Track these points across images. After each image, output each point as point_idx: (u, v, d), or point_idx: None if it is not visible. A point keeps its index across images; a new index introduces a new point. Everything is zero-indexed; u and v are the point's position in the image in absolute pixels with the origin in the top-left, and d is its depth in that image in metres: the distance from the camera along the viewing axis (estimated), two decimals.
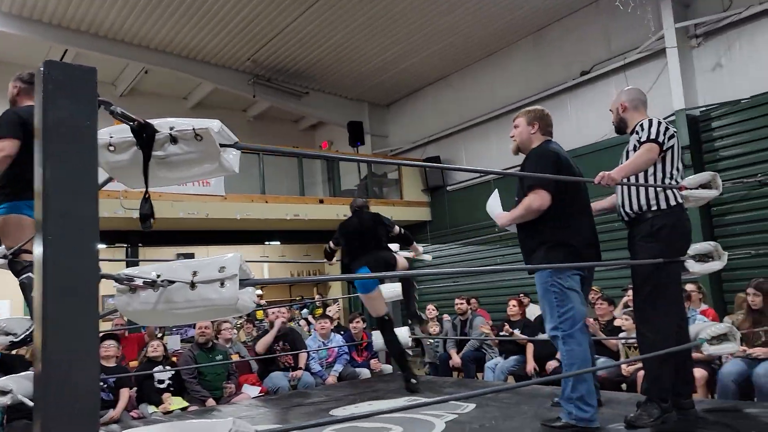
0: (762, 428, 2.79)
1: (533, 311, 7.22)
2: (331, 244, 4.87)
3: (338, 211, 9.59)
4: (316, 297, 13.14)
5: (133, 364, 5.83)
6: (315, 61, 10.52)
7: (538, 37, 9.67)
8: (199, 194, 8.49)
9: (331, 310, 7.98)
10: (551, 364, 5.64)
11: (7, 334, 3.29)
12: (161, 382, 5.22)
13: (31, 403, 2.87)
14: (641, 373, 4.69)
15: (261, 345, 5.97)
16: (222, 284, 1.72)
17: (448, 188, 11.16)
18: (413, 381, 4.59)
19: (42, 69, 1.35)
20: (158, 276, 1.72)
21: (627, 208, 3.10)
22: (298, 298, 13.70)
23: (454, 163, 11.11)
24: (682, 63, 7.47)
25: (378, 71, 10.99)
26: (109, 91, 10.92)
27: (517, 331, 6.46)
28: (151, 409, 5.08)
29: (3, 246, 3.12)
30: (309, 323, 9.82)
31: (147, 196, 1.76)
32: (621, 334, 5.29)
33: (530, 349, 6.08)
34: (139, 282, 1.69)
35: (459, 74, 11.06)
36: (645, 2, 7.66)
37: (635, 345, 5.06)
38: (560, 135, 3.10)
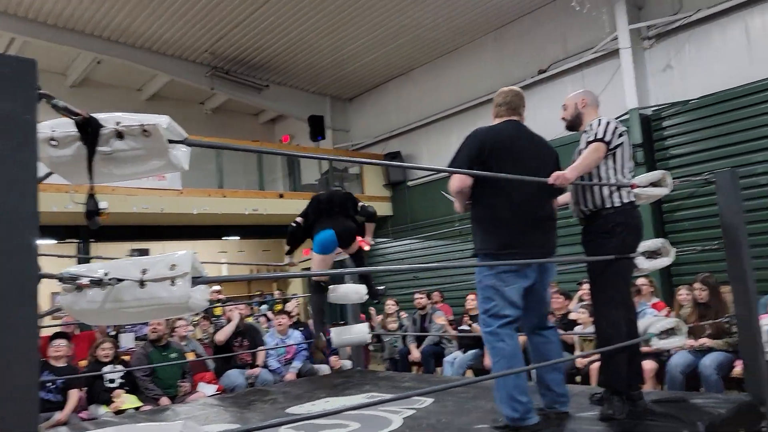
0: (707, 417, 2.89)
1: None
2: (299, 219, 4.69)
3: (298, 206, 9.42)
4: (276, 293, 13.01)
5: (83, 363, 5.65)
6: (275, 54, 10.38)
7: (499, 34, 9.78)
8: (155, 188, 8.29)
9: (290, 306, 7.91)
10: None
11: None
12: (112, 381, 5.08)
13: None
14: (594, 365, 4.84)
15: (221, 334, 5.88)
16: (173, 282, 1.68)
17: (409, 183, 11.21)
18: (323, 338, 4.74)
19: None
20: (106, 274, 1.67)
21: (582, 206, 3.17)
22: (257, 294, 13.55)
23: (416, 159, 11.15)
24: (635, 63, 7.67)
25: (340, 65, 10.93)
26: (58, 81, 10.54)
27: (476, 325, 6.53)
28: (103, 409, 4.94)
29: None
30: (268, 319, 9.73)
31: (92, 192, 1.70)
32: (577, 328, 5.41)
33: None
34: (85, 280, 1.63)
35: (421, 69, 11.09)
36: (600, 4, 7.82)
37: (590, 338, 5.20)
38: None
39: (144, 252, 11.05)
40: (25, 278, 1.27)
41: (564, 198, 3.31)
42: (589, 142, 3.06)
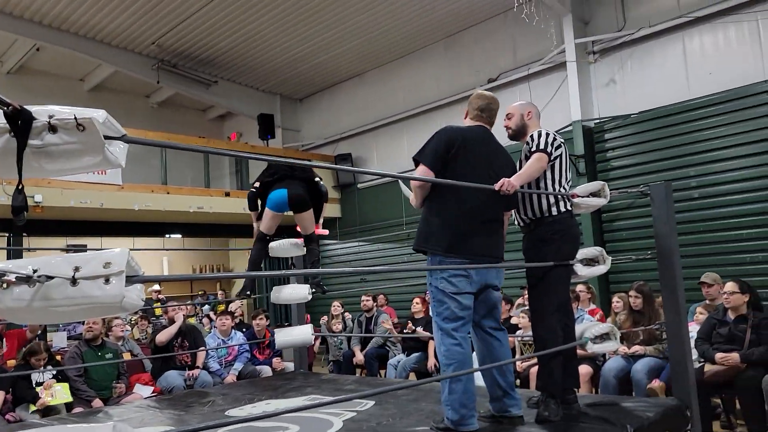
0: (636, 421, 3.01)
1: None
2: (257, 184, 4.79)
3: (245, 204, 9.36)
4: (219, 293, 12.77)
5: (12, 363, 5.38)
6: (225, 50, 10.20)
7: (450, 42, 9.92)
8: (94, 182, 7.99)
9: (234, 307, 7.78)
10: None
11: None
12: (40, 384, 4.84)
13: None
14: (534, 369, 4.96)
15: (163, 335, 5.71)
16: (107, 281, 1.63)
17: (359, 186, 11.22)
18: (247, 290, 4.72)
19: None
20: (35, 271, 1.60)
21: (522, 214, 3.26)
22: (200, 293, 13.26)
23: (366, 161, 11.17)
24: (580, 77, 7.92)
25: (292, 64, 10.84)
26: None
27: (420, 329, 6.59)
28: (31, 407, 4.71)
29: None
30: (211, 320, 9.54)
31: (21, 187, 1.63)
32: (517, 332, 5.53)
33: (432, 345, 6.22)
34: (11, 277, 1.56)
35: (374, 72, 11.13)
36: (549, 17, 8.05)
37: (530, 343, 5.33)
38: None
39: (81, 247, 10.63)
40: None
41: None
42: (531, 152, 3.15)
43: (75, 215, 8.48)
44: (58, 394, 4.75)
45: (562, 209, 3.19)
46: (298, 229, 4.87)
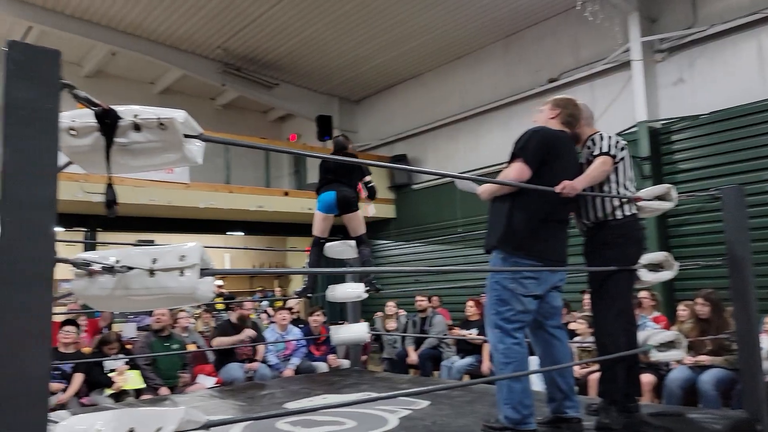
0: None
1: None
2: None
3: (303, 204, 9.58)
4: (277, 290, 13.06)
5: (87, 350, 5.70)
6: (287, 53, 10.44)
7: (509, 42, 9.81)
8: (163, 181, 8.35)
9: (291, 302, 7.96)
10: None
11: None
12: (112, 371, 5.12)
13: None
14: (593, 376, 4.85)
15: (218, 342, 5.89)
16: (181, 273, 1.71)
17: (414, 187, 11.24)
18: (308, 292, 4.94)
19: (5, 49, 1.33)
20: (117, 261, 1.71)
21: (584, 218, 3.20)
22: (258, 289, 13.60)
23: (422, 162, 11.18)
24: (646, 76, 7.69)
25: (350, 66, 10.98)
26: (73, 71, 10.62)
27: (474, 332, 6.56)
28: (106, 391, 4.98)
29: None
30: (269, 315, 9.79)
31: (111, 182, 1.74)
32: (576, 338, 5.43)
33: (486, 349, 6.18)
34: (97, 267, 1.67)
35: (431, 74, 11.13)
36: (613, 15, 7.84)
37: (588, 348, 5.22)
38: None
39: (149, 243, 11.12)
40: (42, 262, 1.31)
41: None
42: (594, 156, 3.09)
43: (145, 212, 8.88)
44: (131, 379, 5.03)
45: (627, 212, 3.13)
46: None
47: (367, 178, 5.09)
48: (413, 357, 6.85)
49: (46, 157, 1.35)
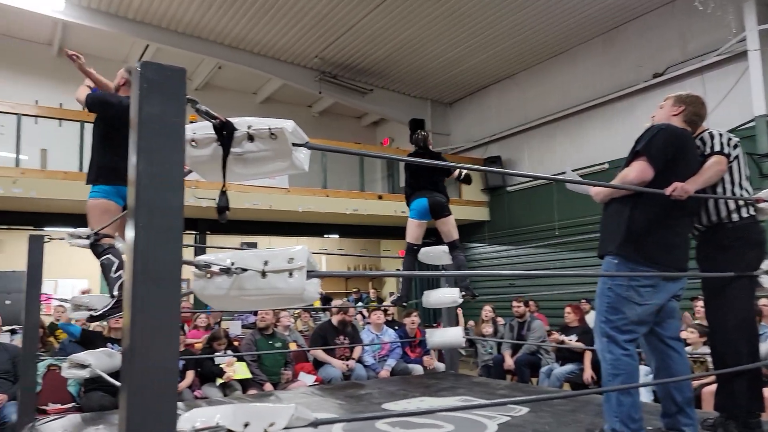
0: None
1: (593, 318, 7.08)
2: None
3: (396, 207, 9.68)
4: (372, 291, 13.27)
5: (198, 346, 6.08)
6: (380, 59, 10.62)
7: (609, 37, 9.42)
8: (264, 186, 8.76)
9: (387, 305, 8.06)
10: None
11: (89, 309, 3.55)
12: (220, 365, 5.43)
13: (108, 377, 3.08)
14: (708, 389, 4.55)
15: (315, 353, 6.08)
16: (290, 274, 1.81)
17: (509, 189, 11.05)
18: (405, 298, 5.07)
19: (138, 68, 1.46)
20: (232, 263, 1.83)
21: (697, 222, 3.02)
22: (353, 291, 13.89)
23: (517, 164, 10.98)
24: (765, 66, 7.11)
25: (443, 69, 10.99)
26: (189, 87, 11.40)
27: (573, 338, 6.35)
28: (218, 381, 5.29)
29: (88, 228, 3.36)
30: (364, 317, 9.97)
31: (224, 189, 1.87)
32: (686, 348, 5.11)
33: (588, 357, 5.96)
34: (215, 268, 1.80)
35: (525, 73, 10.91)
36: (726, 3, 7.33)
37: (701, 360, 4.90)
38: (629, 139, 2.93)
39: (253, 245, 11.69)
40: (171, 263, 1.43)
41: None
42: (706, 156, 2.90)
43: (248, 216, 9.35)
44: (239, 369, 5.32)
45: (744, 214, 2.91)
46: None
47: (456, 172, 5.09)
48: (510, 362, 6.73)
49: (174, 167, 1.47)
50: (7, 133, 8.05)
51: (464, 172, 5.10)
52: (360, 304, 11.76)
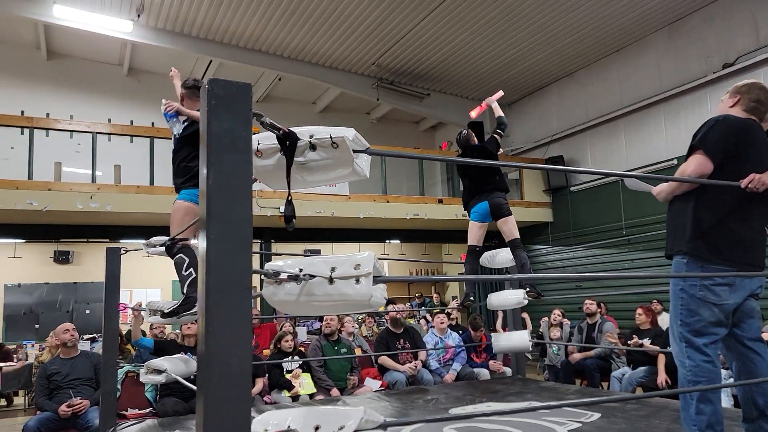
0: None
1: (665, 320, 6.79)
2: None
3: (457, 211, 9.61)
4: (434, 296, 13.24)
5: (266, 352, 6.23)
6: (437, 63, 10.61)
7: (673, 29, 9.06)
8: (326, 194, 8.90)
9: (451, 308, 8.02)
10: None
11: (158, 311, 3.71)
12: (290, 372, 5.55)
13: (184, 381, 3.20)
14: None
15: (381, 360, 6.09)
16: (357, 281, 1.83)
17: (572, 189, 10.77)
18: (470, 298, 4.91)
19: (207, 85, 1.53)
20: (301, 270, 1.87)
21: None
22: (416, 296, 13.89)
23: (579, 163, 10.70)
24: None
25: (500, 70, 10.87)
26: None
27: (646, 341, 6.11)
28: (284, 393, 5.41)
29: (160, 237, 3.51)
30: (427, 321, 9.96)
31: (290, 198, 1.92)
32: None
33: (662, 360, 5.72)
34: (284, 275, 1.85)
35: (585, 70, 10.64)
36: None
37: None
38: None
39: (316, 252, 11.90)
40: (242, 271, 1.48)
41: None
42: None
43: (311, 223, 9.53)
44: (305, 385, 5.42)
45: None
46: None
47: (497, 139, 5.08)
48: (577, 357, 6.56)
49: (242, 179, 1.52)
50: (83, 150, 8.54)
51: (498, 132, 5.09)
52: (423, 308, 11.74)
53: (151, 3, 8.67)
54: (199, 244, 1.52)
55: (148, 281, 10.69)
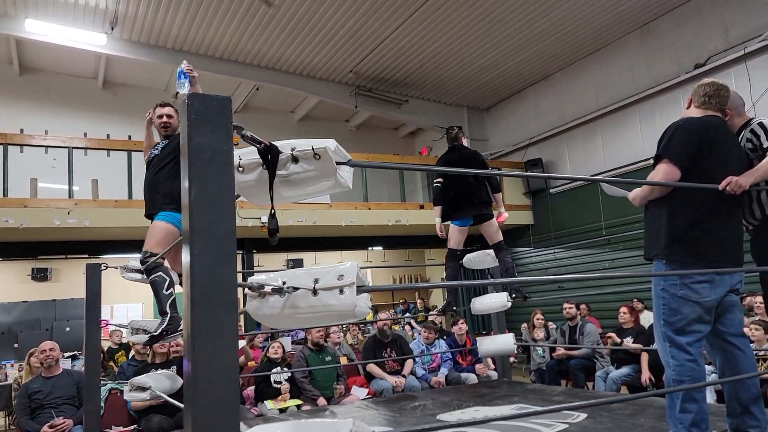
0: None
1: (648, 318, 6.89)
2: (440, 180, 4.94)
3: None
4: (418, 302, 13.25)
5: (252, 364, 6.18)
6: (414, 70, 10.67)
7: (646, 30, 9.23)
8: (307, 203, 8.87)
9: (433, 315, 8.01)
10: None
11: (147, 332, 3.67)
12: (278, 383, 5.51)
13: (169, 399, 3.16)
14: None
15: (369, 368, 6.09)
16: (341, 291, 1.83)
17: (551, 191, 10.88)
18: (453, 305, 4.92)
19: (186, 100, 1.52)
20: (284, 283, 1.87)
21: (750, 217, 2.91)
22: (401, 302, 13.89)
23: (558, 165, 10.82)
24: None
25: (477, 75, 10.96)
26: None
27: (629, 340, 6.19)
28: (269, 404, 5.37)
29: (139, 258, 3.47)
30: (412, 327, 9.97)
31: (273, 212, 1.91)
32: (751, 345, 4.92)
33: (645, 358, 5.80)
34: (268, 288, 1.84)
35: (561, 73, 10.78)
36: None
37: (765, 357, 4.71)
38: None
39: (298, 261, 11.84)
40: (227, 287, 1.47)
41: None
42: (765, 149, 2.79)
43: (293, 233, 9.49)
44: (290, 400, 5.41)
45: None
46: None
47: (498, 194, 4.95)
48: (562, 352, 6.63)
49: (225, 193, 1.51)
50: (59, 166, 8.41)
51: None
52: (407, 314, 11.75)
53: (125, 16, 8.59)
54: (183, 259, 1.51)
55: (129, 296, 10.54)
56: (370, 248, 11.83)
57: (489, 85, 11.40)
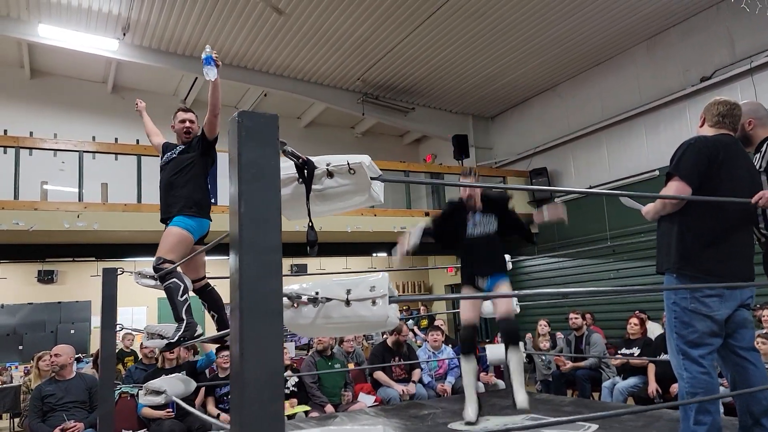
0: None
1: (654, 329, 6.93)
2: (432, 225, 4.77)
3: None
4: (421, 308, 13.29)
5: None
6: (421, 78, 10.75)
7: (653, 43, 9.31)
8: None
9: (439, 322, 8.07)
10: (677, 387, 5.38)
11: (163, 337, 3.70)
12: (286, 388, 5.55)
13: (182, 403, 3.19)
14: None
15: (376, 375, 6.10)
16: (374, 302, 1.88)
17: (556, 200, 10.93)
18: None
19: (236, 117, 1.58)
20: (317, 293, 1.92)
21: (764, 229, 2.95)
22: (404, 309, 13.91)
23: (563, 175, 10.88)
24: None
25: (484, 84, 11.04)
26: (230, 113, 11.74)
27: (636, 350, 6.23)
28: None
29: (151, 266, 3.49)
30: (415, 334, 10.00)
31: (311, 225, 1.96)
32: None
33: (652, 369, 5.83)
34: (304, 299, 1.89)
35: (568, 83, 10.85)
36: None
37: None
38: (678, 144, 2.89)
39: (302, 266, 11.88)
40: (274, 296, 1.53)
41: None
42: None
43: (299, 238, 9.38)
44: (298, 406, 5.45)
45: None
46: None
47: (510, 206, 4.78)
48: (568, 365, 6.65)
49: (272, 207, 1.57)
50: (68, 169, 8.46)
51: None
52: (410, 321, 11.78)
53: (137, 22, 8.67)
54: (230, 272, 1.56)
55: (134, 299, 10.57)
56: (374, 254, 11.86)
57: (495, 94, 11.48)
